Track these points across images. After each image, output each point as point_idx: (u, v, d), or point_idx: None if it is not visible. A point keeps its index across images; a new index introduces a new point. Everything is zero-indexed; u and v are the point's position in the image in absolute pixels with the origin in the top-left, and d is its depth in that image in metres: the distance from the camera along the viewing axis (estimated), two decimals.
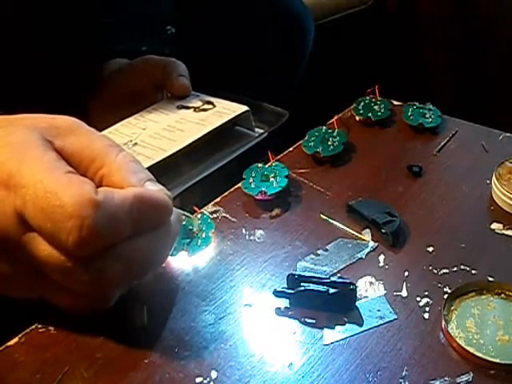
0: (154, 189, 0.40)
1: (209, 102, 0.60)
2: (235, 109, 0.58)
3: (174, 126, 0.56)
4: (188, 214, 0.49)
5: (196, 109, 0.59)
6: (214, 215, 0.53)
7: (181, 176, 0.53)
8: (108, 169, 0.40)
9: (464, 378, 0.39)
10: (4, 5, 0.55)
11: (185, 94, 0.61)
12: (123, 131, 0.56)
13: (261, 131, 0.58)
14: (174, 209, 0.41)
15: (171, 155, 0.52)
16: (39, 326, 0.43)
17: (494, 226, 0.52)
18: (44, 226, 0.35)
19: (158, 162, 0.51)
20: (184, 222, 0.50)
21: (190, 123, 0.56)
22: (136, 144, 0.54)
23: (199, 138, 0.54)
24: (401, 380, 0.39)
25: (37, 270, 0.38)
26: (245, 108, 0.58)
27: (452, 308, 0.44)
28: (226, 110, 0.58)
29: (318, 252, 0.49)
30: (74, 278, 0.37)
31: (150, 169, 0.42)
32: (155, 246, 0.40)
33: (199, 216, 0.51)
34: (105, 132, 0.56)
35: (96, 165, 0.40)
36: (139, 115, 0.59)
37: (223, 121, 0.56)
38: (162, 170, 0.49)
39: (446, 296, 0.44)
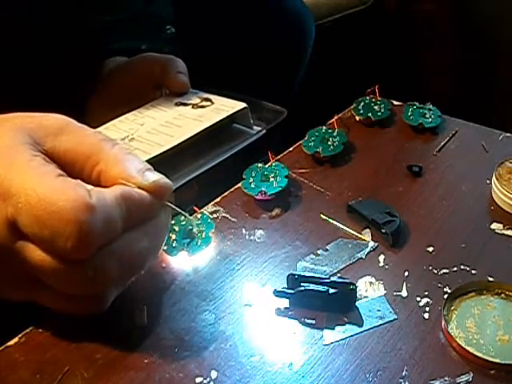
0: (155, 178, 0.40)
1: (207, 99, 0.60)
2: (233, 105, 0.58)
3: (171, 122, 0.56)
4: (184, 213, 0.48)
5: (194, 105, 0.59)
6: (214, 215, 0.53)
7: (177, 171, 0.53)
8: (105, 163, 0.39)
9: (464, 378, 0.39)
10: (3, 3, 0.55)
11: (183, 91, 0.61)
12: (121, 126, 0.56)
13: (259, 128, 0.58)
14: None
15: (168, 150, 0.52)
16: (39, 326, 0.43)
17: (494, 225, 0.52)
18: (40, 233, 0.35)
19: (154, 157, 0.51)
20: (183, 223, 0.50)
21: (187, 119, 0.56)
22: (133, 139, 0.54)
23: (196, 134, 0.54)
24: (401, 380, 0.39)
25: (30, 276, 0.38)
26: (243, 105, 0.58)
27: (452, 308, 0.44)
28: (224, 106, 0.58)
29: (318, 252, 0.49)
30: (69, 282, 0.37)
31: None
32: (147, 240, 0.39)
33: (199, 216, 0.51)
34: (102, 127, 0.56)
35: (92, 161, 0.39)
36: (137, 111, 0.59)
37: (221, 117, 0.56)
38: (158, 165, 0.49)
39: (445, 296, 0.44)
